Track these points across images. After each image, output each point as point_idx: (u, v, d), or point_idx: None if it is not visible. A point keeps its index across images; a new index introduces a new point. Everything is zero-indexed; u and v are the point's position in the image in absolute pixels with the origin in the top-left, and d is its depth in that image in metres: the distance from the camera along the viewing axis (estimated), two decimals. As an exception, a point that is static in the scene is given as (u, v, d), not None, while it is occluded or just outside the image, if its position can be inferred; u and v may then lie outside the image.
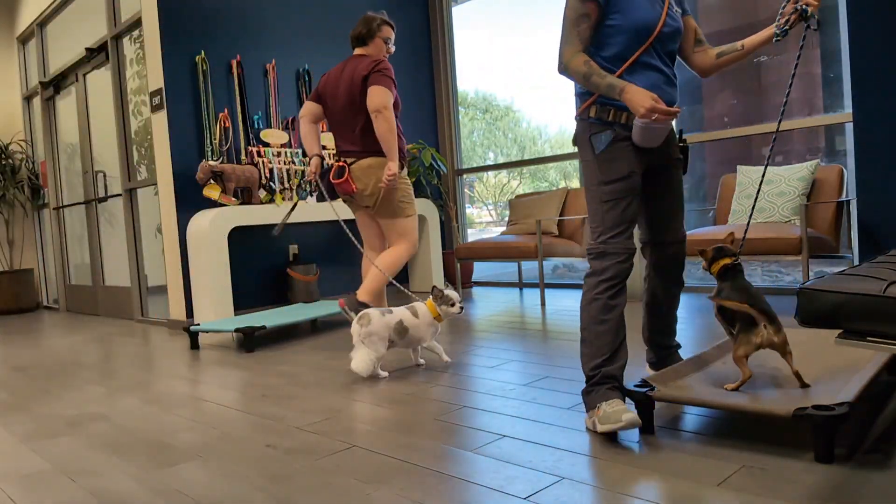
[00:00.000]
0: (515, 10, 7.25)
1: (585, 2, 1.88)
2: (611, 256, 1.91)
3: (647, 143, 1.90)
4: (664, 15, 1.92)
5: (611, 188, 1.93)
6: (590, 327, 1.92)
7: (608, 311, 1.89)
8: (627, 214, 1.93)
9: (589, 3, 1.88)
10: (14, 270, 6.48)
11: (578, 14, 1.89)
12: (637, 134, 1.88)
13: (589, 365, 1.90)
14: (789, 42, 2.53)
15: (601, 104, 1.94)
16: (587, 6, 1.88)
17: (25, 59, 6.79)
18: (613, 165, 1.93)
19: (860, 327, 1.47)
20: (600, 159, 1.94)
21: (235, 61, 4.69)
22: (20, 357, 3.81)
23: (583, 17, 1.89)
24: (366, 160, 3.32)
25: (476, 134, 9.28)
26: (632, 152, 1.94)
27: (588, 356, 1.91)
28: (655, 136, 1.88)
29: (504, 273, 6.26)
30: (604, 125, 1.94)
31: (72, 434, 2.20)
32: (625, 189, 1.92)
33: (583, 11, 1.88)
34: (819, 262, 3.66)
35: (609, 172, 1.93)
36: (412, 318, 2.75)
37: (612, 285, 1.90)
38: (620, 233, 1.92)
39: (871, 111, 3.39)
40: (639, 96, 1.77)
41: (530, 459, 1.68)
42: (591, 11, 1.89)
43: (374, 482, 1.60)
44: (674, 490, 1.44)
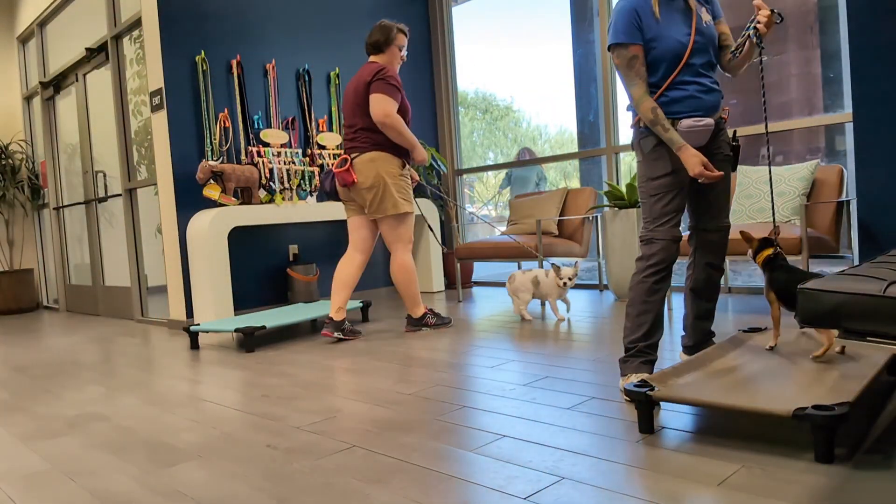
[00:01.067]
0: (515, 10, 7.25)
1: (629, 46, 2.10)
2: (657, 243, 2.16)
3: (693, 144, 2.13)
4: (693, 34, 2.13)
5: (656, 183, 2.17)
6: (634, 305, 2.18)
7: (652, 294, 2.16)
8: (672, 206, 2.17)
9: (633, 46, 2.10)
10: (14, 270, 6.48)
11: (628, 58, 2.11)
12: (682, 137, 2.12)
13: (629, 338, 2.19)
14: (789, 42, 2.60)
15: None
16: (632, 49, 2.11)
17: (25, 59, 6.79)
18: (658, 164, 2.17)
19: (860, 327, 1.47)
20: (647, 159, 2.20)
21: (235, 61, 4.69)
22: (20, 357, 3.81)
23: (633, 59, 2.11)
24: (368, 154, 3.42)
25: (476, 134, 9.28)
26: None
27: (629, 329, 2.19)
28: (700, 138, 2.14)
29: (504, 273, 6.26)
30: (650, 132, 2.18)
31: (72, 434, 2.20)
32: (668, 184, 2.15)
33: (631, 55, 2.11)
34: (819, 262, 3.66)
35: (654, 170, 2.17)
36: (544, 277, 3.78)
37: (657, 269, 2.15)
38: (666, 222, 2.16)
39: (871, 111, 3.39)
40: (691, 160, 2.05)
41: (530, 459, 1.68)
42: (638, 51, 2.11)
43: (374, 482, 1.60)
44: (674, 490, 1.44)
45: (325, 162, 5.03)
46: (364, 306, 4.19)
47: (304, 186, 4.84)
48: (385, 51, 3.52)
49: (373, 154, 3.41)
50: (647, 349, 2.17)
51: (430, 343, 3.34)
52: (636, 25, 2.09)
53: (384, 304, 5.00)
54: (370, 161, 3.41)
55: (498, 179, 9.25)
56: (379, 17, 5.64)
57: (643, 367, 2.15)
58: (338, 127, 5.29)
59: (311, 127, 5.09)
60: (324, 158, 5.03)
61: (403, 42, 3.59)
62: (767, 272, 2.11)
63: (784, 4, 6.19)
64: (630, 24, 2.09)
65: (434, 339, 3.45)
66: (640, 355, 2.16)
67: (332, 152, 5.12)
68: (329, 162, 5.07)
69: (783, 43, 5.76)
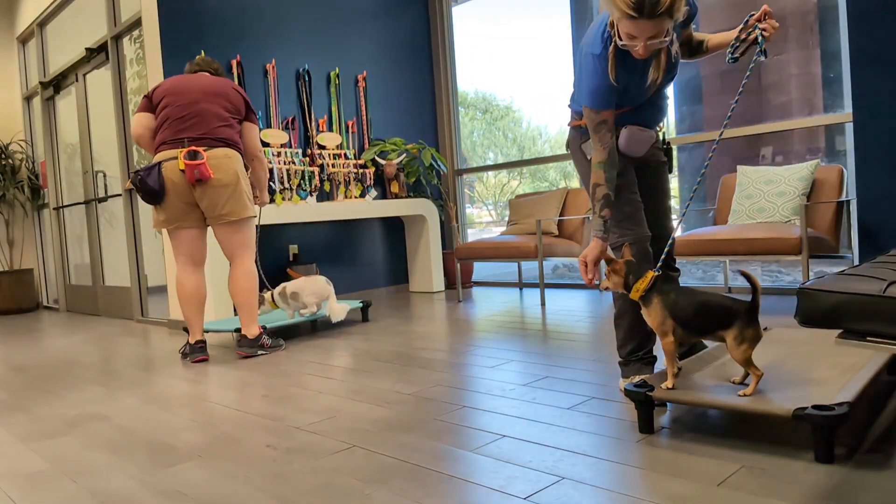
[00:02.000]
0: (515, 10, 7.25)
1: (601, 112, 1.97)
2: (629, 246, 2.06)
3: (632, 152, 2.08)
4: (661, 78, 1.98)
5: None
6: (623, 316, 2.15)
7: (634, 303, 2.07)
8: (629, 204, 2.10)
9: (603, 112, 1.97)
10: (14, 270, 6.48)
11: (596, 122, 1.98)
12: (623, 144, 2.07)
13: (624, 349, 2.17)
14: (789, 42, 2.56)
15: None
16: (603, 114, 1.97)
17: (25, 59, 6.79)
18: None
19: (860, 327, 1.47)
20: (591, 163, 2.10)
21: (235, 61, 4.69)
22: (20, 357, 3.81)
23: (601, 125, 1.98)
24: (223, 149, 3.23)
25: (476, 134, 9.28)
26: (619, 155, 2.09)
27: (622, 340, 2.17)
28: (640, 147, 2.07)
29: (504, 273, 6.26)
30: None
31: (72, 434, 2.20)
32: (620, 183, 2.08)
33: (599, 119, 1.98)
34: (819, 262, 3.66)
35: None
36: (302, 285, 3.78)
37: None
38: (629, 221, 2.10)
39: (871, 111, 3.39)
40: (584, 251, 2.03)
41: (530, 459, 1.68)
42: (608, 117, 1.98)
43: (374, 482, 1.60)
44: (674, 490, 1.44)
45: (325, 162, 5.03)
46: (364, 306, 4.19)
47: (304, 186, 4.84)
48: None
49: (227, 151, 3.22)
50: (646, 355, 2.16)
51: (430, 343, 3.34)
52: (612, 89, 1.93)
53: (384, 304, 5.00)
54: (226, 157, 3.20)
55: (498, 179, 9.24)
56: (379, 17, 5.65)
57: (645, 369, 2.15)
58: (338, 127, 5.29)
59: (310, 127, 5.09)
60: (324, 158, 5.03)
61: None
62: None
63: (784, 4, 6.19)
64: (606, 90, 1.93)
65: (434, 339, 3.45)
66: (642, 359, 2.16)
67: (332, 152, 5.12)
68: (329, 162, 5.07)
69: (783, 43, 5.76)
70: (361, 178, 5.26)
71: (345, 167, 5.14)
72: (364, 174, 5.27)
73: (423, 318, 4.20)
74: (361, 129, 5.47)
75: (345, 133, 5.33)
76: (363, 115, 5.48)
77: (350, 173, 5.17)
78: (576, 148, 2.18)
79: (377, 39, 5.64)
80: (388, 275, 5.69)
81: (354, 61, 5.46)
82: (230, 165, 3.21)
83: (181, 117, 3.21)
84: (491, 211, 9.45)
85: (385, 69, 5.69)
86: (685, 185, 6.43)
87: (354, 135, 5.41)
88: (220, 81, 3.37)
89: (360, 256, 5.49)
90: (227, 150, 3.24)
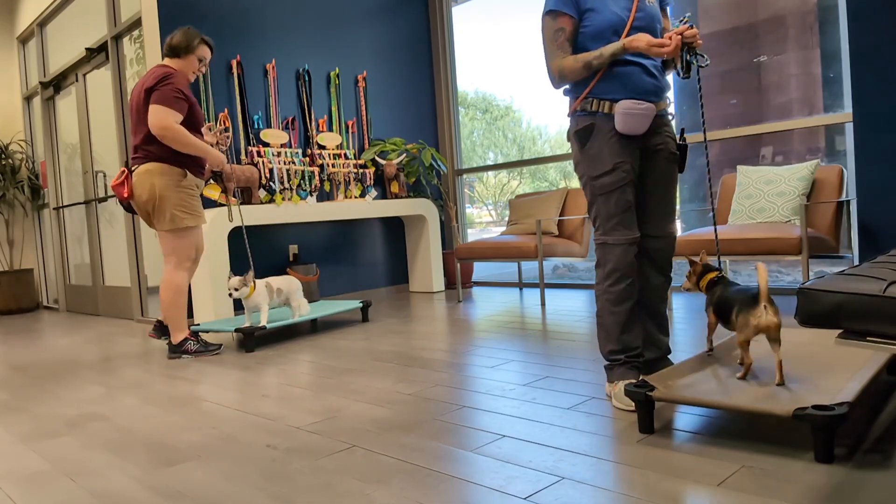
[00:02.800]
0: (515, 9, 7.25)
1: (557, 17, 1.97)
2: (612, 247, 2.03)
3: (631, 129, 1.98)
4: (634, 10, 1.99)
5: (600, 182, 2.02)
6: (603, 316, 2.10)
7: (618, 304, 2.05)
8: (621, 204, 2.02)
9: (561, 17, 1.96)
10: (14, 270, 6.48)
11: (553, 30, 1.98)
12: (619, 122, 1.97)
13: (606, 348, 2.11)
14: (789, 42, 2.54)
15: (584, 98, 2.03)
16: (560, 20, 1.97)
17: (25, 59, 6.79)
18: (597, 160, 2.02)
19: (860, 327, 1.47)
20: (586, 155, 2.04)
21: (235, 61, 4.69)
22: (20, 357, 3.81)
23: (558, 32, 1.97)
24: (144, 165, 3.25)
25: (476, 134, 9.28)
26: (616, 144, 2.01)
27: (603, 340, 2.12)
28: (639, 123, 1.97)
29: (504, 273, 6.26)
30: (589, 116, 2.02)
31: (72, 434, 2.20)
32: (612, 182, 2.00)
33: (557, 27, 1.97)
34: (819, 262, 3.66)
35: (594, 167, 2.03)
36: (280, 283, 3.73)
37: (617, 277, 2.03)
38: (618, 224, 2.02)
39: (871, 111, 3.39)
40: (638, 42, 1.88)
41: (530, 459, 1.68)
42: (566, 24, 1.97)
43: (374, 482, 1.60)
44: (674, 490, 1.44)
45: (325, 162, 5.03)
46: (364, 306, 4.18)
47: (304, 186, 4.84)
48: (182, 57, 3.34)
49: (149, 166, 3.23)
50: (631, 358, 2.10)
51: (430, 343, 3.34)
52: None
53: (384, 304, 5.00)
54: (145, 173, 3.24)
55: (498, 179, 9.24)
56: (379, 17, 5.65)
57: (629, 373, 2.08)
58: (338, 127, 5.29)
59: (310, 127, 5.09)
60: (324, 158, 5.03)
61: (206, 55, 3.41)
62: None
63: (784, 4, 6.20)
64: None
65: (434, 339, 3.45)
66: (626, 362, 2.10)
67: (332, 152, 5.12)
68: (329, 162, 5.07)
69: (783, 43, 5.76)
70: (361, 178, 5.26)
71: (345, 167, 5.14)
72: (364, 174, 5.27)
73: (423, 318, 4.20)
74: (361, 129, 5.47)
75: (345, 133, 5.33)
76: (363, 115, 5.48)
77: (350, 173, 5.17)
78: (571, 135, 2.09)
79: (377, 39, 5.64)
80: (388, 275, 5.69)
81: (354, 61, 5.45)
82: (146, 181, 3.25)
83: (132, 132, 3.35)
84: (491, 211, 9.45)
85: (385, 69, 5.69)
86: (683, 185, 6.43)
87: (354, 135, 5.41)
88: (145, 79, 3.26)
89: (360, 256, 5.49)
90: (147, 164, 3.25)
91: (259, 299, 3.54)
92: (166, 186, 3.26)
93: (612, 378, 2.11)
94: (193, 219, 3.34)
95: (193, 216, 3.35)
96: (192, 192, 3.35)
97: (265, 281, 3.63)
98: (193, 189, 3.37)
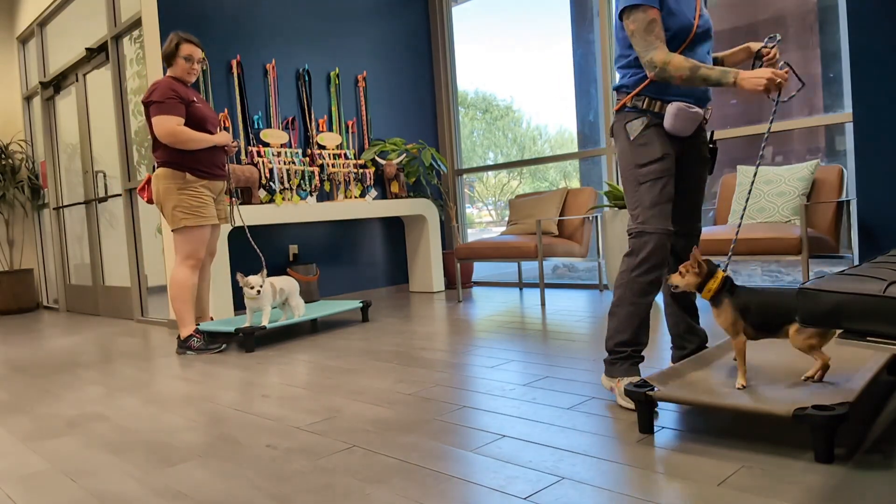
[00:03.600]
0: (515, 9, 7.25)
1: (647, 10, 1.96)
2: (649, 235, 2.01)
3: (678, 130, 2.02)
4: (697, 15, 2.03)
5: (646, 170, 2.03)
6: (622, 305, 2.05)
7: (643, 294, 2.03)
8: (664, 194, 2.03)
9: (651, 10, 1.96)
10: (14, 270, 6.48)
11: (647, 21, 1.96)
12: (669, 121, 2.01)
13: (615, 340, 2.07)
14: (789, 42, 2.55)
15: (637, 95, 2.05)
16: (651, 13, 1.96)
17: (25, 59, 6.79)
18: (647, 149, 2.03)
19: (860, 327, 1.47)
20: (635, 144, 2.05)
21: (235, 61, 4.69)
22: (20, 357, 3.81)
23: (653, 23, 1.96)
24: (156, 171, 3.49)
25: (476, 134, 9.28)
26: (664, 136, 2.04)
27: (614, 331, 2.07)
28: (687, 125, 2.01)
29: (504, 273, 6.26)
30: (639, 113, 2.05)
31: (72, 434, 2.20)
32: (659, 170, 2.02)
33: (650, 18, 1.96)
34: (819, 262, 3.66)
35: (643, 156, 2.04)
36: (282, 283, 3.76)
37: (650, 266, 2.02)
38: (658, 212, 2.02)
39: (871, 111, 3.39)
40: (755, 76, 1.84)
41: (530, 459, 1.68)
42: (656, 15, 1.97)
43: (374, 482, 1.60)
44: (674, 490, 1.44)
45: (325, 162, 5.03)
46: (364, 306, 4.18)
47: (304, 186, 4.84)
48: (172, 63, 3.48)
49: (157, 171, 3.47)
50: (636, 353, 2.08)
51: (430, 343, 3.34)
52: None
53: (384, 304, 5.00)
54: (154, 177, 3.49)
55: (498, 179, 9.25)
56: (379, 17, 5.65)
57: (633, 370, 2.07)
58: (338, 127, 5.29)
59: (310, 127, 5.09)
60: (324, 158, 5.03)
61: (190, 52, 3.47)
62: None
63: (784, 4, 6.19)
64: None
65: (434, 339, 3.45)
66: (631, 358, 2.07)
67: (332, 152, 5.12)
68: (329, 162, 5.07)
69: (783, 43, 5.76)
70: (361, 178, 5.26)
71: (345, 167, 5.14)
72: (364, 174, 5.27)
73: (423, 318, 4.20)
74: (361, 129, 5.47)
75: (345, 133, 5.33)
76: (363, 115, 5.48)
77: (350, 173, 5.17)
78: (620, 128, 2.08)
79: (377, 39, 5.64)
80: (388, 275, 5.69)
81: (354, 61, 5.45)
82: (154, 185, 3.49)
83: None
84: (491, 211, 9.45)
85: (385, 69, 5.69)
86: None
87: (354, 135, 5.41)
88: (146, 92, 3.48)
89: (360, 256, 5.49)
90: (158, 170, 3.47)
91: (265, 300, 3.59)
92: (167, 189, 3.43)
93: (615, 373, 2.08)
94: (193, 219, 3.44)
95: (193, 216, 3.44)
96: (193, 194, 3.45)
97: (269, 281, 3.64)
98: (197, 190, 3.46)
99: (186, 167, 3.43)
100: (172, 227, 3.46)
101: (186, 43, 3.46)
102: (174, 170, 3.42)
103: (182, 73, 3.47)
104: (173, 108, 3.34)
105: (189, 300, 3.50)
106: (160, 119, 3.33)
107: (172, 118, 3.34)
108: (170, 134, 3.33)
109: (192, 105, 3.42)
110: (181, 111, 3.37)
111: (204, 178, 3.49)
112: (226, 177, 3.68)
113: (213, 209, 3.55)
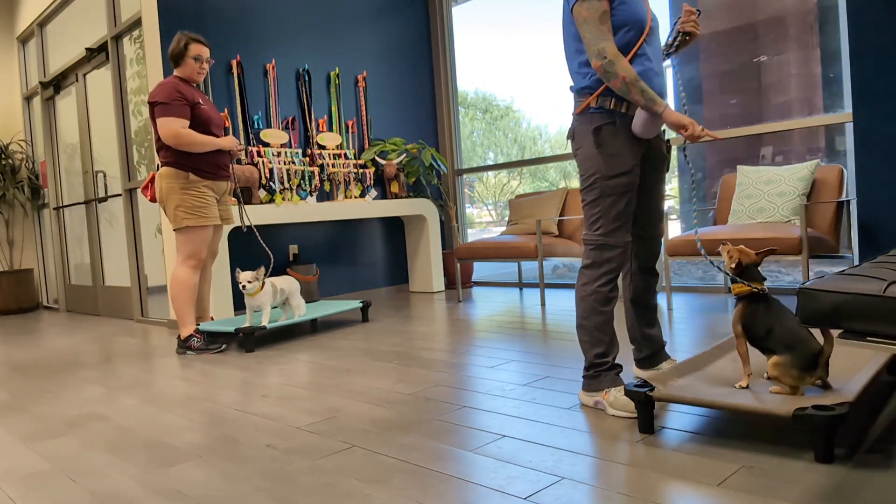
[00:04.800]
0: (516, 9, 7.25)
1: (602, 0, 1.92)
2: (611, 248, 2.01)
3: (647, 133, 1.97)
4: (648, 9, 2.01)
5: (614, 182, 1.99)
6: (590, 317, 2.05)
7: (607, 303, 2.04)
8: (628, 208, 2.02)
9: (604, 1, 1.93)
10: (14, 270, 6.48)
11: (601, 11, 1.93)
12: (638, 124, 1.95)
13: (592, 352, 2.05)
14: (789, 42, 2.55)
15: (601, 95, 1.99)
16: (604, 3, 1.93)
17: (25, 59, 6.79)
18: (617, 160, 1.98)
19: (860, 327, 1.47)
20: (605, 154, 1.98)
21: (235, 61, 4.69)
22: (20, 357, 3.81)
23: (605, 14, 1.93)
24: (160, 170, 3.50)
25: (476, 134, 9.28)
26: (633, 145, 2.00)
27: (589, 344, 2.05)
28: (655, 127, 1.96)
29: (504, 273, 6.26)
30: (606, 114, 1.99)
31: (72, 434, 2.20)
32: (627, 183, 1.99)
33: (603, 8, 1.93)
34: (819, 262, 3.66)
35: (613, 167, 1.98)
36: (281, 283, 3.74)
37: (611, 278, 2.03)
38: (621, 226, 2.01)
39: (871, 111, 3.39)
40: (680, 119, 1.88)
41: (530, 459, 1.68)
42: (608, 8, 1.94)
43: (374, 482, 1.60)
44: (674, 490, 1.44)
45: (325, 162, 5.03)
46: (364, 306, 4.19)
47: (304, 186, 4.84)
48: (181, 63, 3.47)
49: (161, 170, 3.48)
50: (615, 362, 2.06)
51: (430, 343, 3.34)
52: None
53: (384, 304, 5.00)
54: (157, 177, 3.52)
55: (498, 179, 9.25)
56: (379, 17, 5.65)
57: (618, 380, 2.03)
58: (338, 127, 5.29)
59: (310, 127, 5.09)
60: (324, 158, 5.03)
61: (200, 52, 3.46)
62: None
63: (784, 4, 6.19)
64: None
65: (434, 339, 3.45)
66: (613, 368, 2.05)
67: (332, 152, 5.12)
68: (329, 162, 5.07)
69: (783, 43, 5.76)
70: (361, 178, 5.26)
71: (345, 167, 5.14)
72: (364, 174, 5.27)
73: (423, 318, 4.20)
74: (361, 129, 5.47)
75: (345, 133, 5.33)
76: (363, 115, 5.48)
77: (350, 173, 5.17)
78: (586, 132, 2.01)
79: (377, 39, 5.64)
80: (388, 275, 5.69)
81: (354, 61, 5.45)
82: (159, 184, 3.50)
83: None
84: (491, 211, 9.45)
85: (385, 69, 5.69)
86: (684, 185, 6.43)
87: (354, 135, 5.41)
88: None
89: (360, 256, 5.49)
90: (162, 169, 3.48)
91: (264, 299, 3.58)
92: (170, 189, 3.44)
93: (601, 386, 2.03)
94: (194, 219, 3.45)
95: (195, 217, 3.45)
96: (196, 194, 3.46)
97: (270, 281, 3.65)
98: (200, 191, 3.48)
99: (190, 167, 3.44)
100: (174, 226, 3.46)
101: (195, 43, 3.46)
102: (178, 169, 3.43)
103: (191, 73, 3.48)
104: (178, 110, 3.35)
105: (190, 300, 3.51)
106: (165, 121, 3.35)
107: (177, 120, 3.35)
108: (174, 136, 3.35)
109: (197, 107, 3.43)
110: (186, 113, 3.38)
111: (207, 179, 3.50)
112: (230, 178, 3.69)
113: (215, 210, 3.55)
